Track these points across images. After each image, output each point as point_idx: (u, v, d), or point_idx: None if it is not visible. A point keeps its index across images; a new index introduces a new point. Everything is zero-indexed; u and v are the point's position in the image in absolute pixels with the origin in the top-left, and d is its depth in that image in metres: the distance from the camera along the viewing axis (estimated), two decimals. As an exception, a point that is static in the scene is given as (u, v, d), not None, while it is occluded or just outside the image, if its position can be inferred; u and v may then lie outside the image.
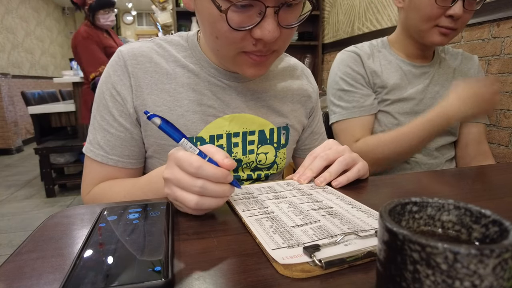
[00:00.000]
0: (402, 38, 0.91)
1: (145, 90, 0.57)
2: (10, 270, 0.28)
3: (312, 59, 2.96)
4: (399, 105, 0.90)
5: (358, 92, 0.90)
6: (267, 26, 0.45)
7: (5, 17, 4.67)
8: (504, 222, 0.21)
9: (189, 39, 0.62)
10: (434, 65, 0.92)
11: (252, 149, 0.63)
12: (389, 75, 0.91)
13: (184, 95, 0.58)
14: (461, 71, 0.94)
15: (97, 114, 0.59)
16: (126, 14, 8.26)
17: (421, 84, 0.90)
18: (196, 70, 0.59)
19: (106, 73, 0.59)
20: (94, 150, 0.58)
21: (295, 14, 0.49)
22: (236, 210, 0.40)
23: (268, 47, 0.49)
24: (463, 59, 0.96)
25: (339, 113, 0.93)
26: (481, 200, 0.46)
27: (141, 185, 0.52)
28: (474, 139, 0.94)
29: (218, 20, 0.46)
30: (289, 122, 0.67)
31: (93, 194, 0.59)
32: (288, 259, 0.28)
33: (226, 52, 0.51)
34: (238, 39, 0.48)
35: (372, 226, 0.35)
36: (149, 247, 0.30)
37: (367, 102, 0.90)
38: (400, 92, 0.90)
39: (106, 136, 0.58)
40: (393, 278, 0.20)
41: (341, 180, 0.49)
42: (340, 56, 0.95)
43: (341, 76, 0.92)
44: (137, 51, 0.58)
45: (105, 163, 0.58)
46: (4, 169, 3.63)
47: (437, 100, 0.91)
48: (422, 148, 0.87)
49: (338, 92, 0.93)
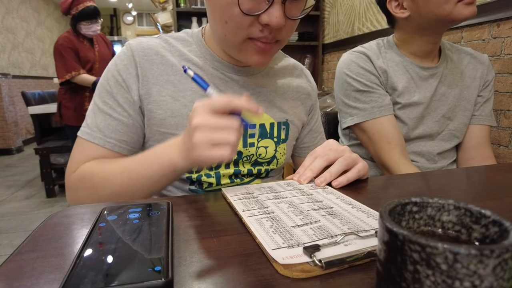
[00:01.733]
0: (410, 38, 0.87)
1: (151, 80, 0.59)
2: (10, 269, 0.28)
3: (312, 59, 2.96)
4: (409, 109, 0.87)
5: (375, 92, 0.86)
6: (274, 12, 0.48)
7: (5, 17, 4.68)
8: (504, 223, 0.21)
9: (194, 35, 0.65)
10: (441, 65, 0.89)
11: (253, 142, 0.64)
12: (397, 78, 0.88)
13: (187, 86, 0.60)
14: (469, 72, 0.91)
15: (99, 99, 0.59)
16: (126, 15, 8.26)
17: (429, 88, 0.88)
18: (200, 63, 0.62)
19: (112, 62, 0.61)
20: (92, 133, 0.58)
21: (299, 7, 0.53)
22: (236, 210, 0.40)
23: (273, 34, 0.52)
24: (471, 59, 0.92)
25: (357, 115, 0.88)
26: (481, 200, 0.46)
27: (144, 159, 0.52)
28: (477, 143, 0.91)
29: (229, 4, 0.49)
30: (289, 118, 0.69)
31: (80, 172, 0.56)
32: (288, 259, 0.28)
33: (233, 38, 0.53)
34: (247, 24, 0.51)
35: (372, 227, 0.35)
36: (149, 247, 0.30)
37: (386, 102, 0.86)
38: (408, 96, 0.87)
39: (107, 120, 0.58)
40: (393, 278, 0.20)
41: (341, 180, 0.49)
42: (348, 57, 0.91)
43: (354, 77, 0.88)
44: (145, 44, 0.61)
45: (101, 145, 0.57)
46: (4, 169, 3.63)
47: (444, 102, 0.89)
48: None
49: (353, 93, 0.88)
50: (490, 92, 0.93)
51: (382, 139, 0.86)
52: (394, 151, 0.84)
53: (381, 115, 0.86)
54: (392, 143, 0.85)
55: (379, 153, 0.87)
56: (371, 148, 0.90)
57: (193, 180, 0.63)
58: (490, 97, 0.93)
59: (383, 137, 0.86)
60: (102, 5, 7.80)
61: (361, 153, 0.97)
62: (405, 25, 0.86)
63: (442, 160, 0.91)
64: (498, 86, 1.25)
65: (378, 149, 0.86)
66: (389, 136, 0.85)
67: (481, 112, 0.92)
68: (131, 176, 0.52)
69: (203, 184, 0.64)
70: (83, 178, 0.56)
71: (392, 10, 0.84)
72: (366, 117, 0.87)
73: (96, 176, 0.54)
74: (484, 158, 0.90)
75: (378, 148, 0.86)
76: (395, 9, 0.84)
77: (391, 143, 0.85)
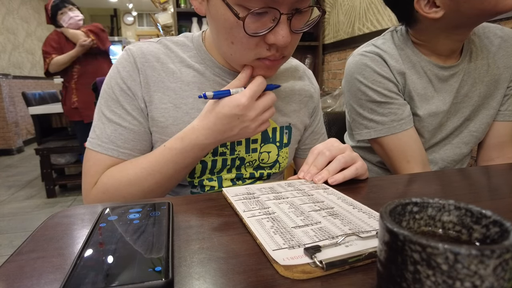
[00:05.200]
0: (434, 38, 0.75)
1: (152, 87, 0.59)
2: (10, 269, 0.28)
3: (312, 60, 2.96)
4: (427, 121, 0.77)
5: (394, 102, 0.76)
6: (280, 31, 0.47)
7: (6, 17, 4.68)
8: (505, 223, 0.21)
9: (194, 40, 0.63)
10: (463, 62, 0.77)
11: (255, 147, 0.64)
12: (414, 83, 0.77)
13: (189, 93, 0.59)
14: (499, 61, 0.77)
15: (106, 109, 0.58)
16: (126, 15, 8.27)
17: (449, 90, 0.77)
18: (201, 70, 0.61)
19: (114, 69, 0.59)
20: (103, 145, 0.56)
21: (304, 19, 0.51)
22: (237, 211, 0.40)
23: (280, 51, 0.51)
24: (502, 42, 0.77)
25: (375, 128, 0.79)
26: (481, 200, 0.46)
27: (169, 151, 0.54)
28: (499, 142, 0.81)
29: (234, 26, 0.48)
30: (292, 122, 0.68)
31: (102, 185, 0.55)
32: (289, 260, 0.28)
33: (240, 58, 0.53)
34: (253, 45, 0.50)
35: (373, 227, 0.35)
36: (149, 247, 0.30)
37: (406, 113, 0.76)
38: (427, 105, 0.77)
39: (118, 130, 0.57)
40: (393, 279, 0.20)
41: (337, 177, 0.49)
42: (360, 59, 0.79)
43: (370, 86, 0.77)
44: (145, 50, 0.60)
45: (115, 157, 0.56)
46: (5, 170, 3.63)
47: (467, 104, 0.78)
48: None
49: (369, 104, 0.78)
50: None
51: (400, 157, 0.77)
52: (414, 170, 0.76)
53: (401, 129, 0.76)
54: (412, 162, 0.76)
55: (398, 171, 0.79)
56: (389, 163, 0.82)
57: (195, 184, 0.63)
58: None
59: (402, 155, 0.77)
60: (102, 5, 7.81)
61: (370, 157, 0.91)
62: (432, 25, 0.72)
63: (455, 167, 0.83)
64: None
65: (397, 167, 0.78)
66: (408, 154, 0.76)
67: (507, 107, 0.80)
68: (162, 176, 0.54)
69: (205, 187, 0.63)
70: (106, 190, 0.55)
71: (421, 10, 0.70)
72: (384, 132, 0.77)
73: (122, 184, 0.54)
74: (506, 159, 0.80)
75: (397, 166, 0.78)
76: (425, 8, 0.70)
77: (410, 161, 0.76)
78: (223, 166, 0.63)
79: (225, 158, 0.62)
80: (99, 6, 7.86)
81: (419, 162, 0.76)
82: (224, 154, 0.62)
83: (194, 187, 0.64)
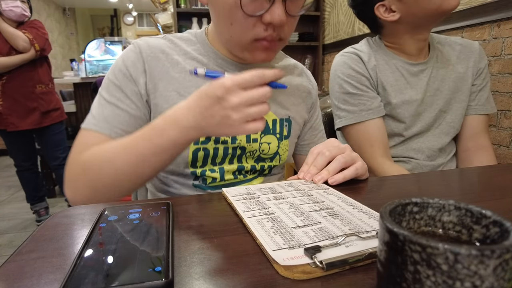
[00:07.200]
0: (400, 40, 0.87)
1: (157, 76, 0.61)
2: (10, 270, 0.28)
3: (312, 60, 2.96)
4: (403, 108, 0.87)
5: (364, 94, 0.87)
6: (276, 10, 0.51)
7: None
8: (505, 223, 0.21)
9: (197, 35, 0.67)
10: (431, 61, 0.89)
11: (256, 138, 0.66)
12: (387, 77, 0.88)
13: (192, 83, 0.62)
14: (461, 63, 0.90)
15: (105, 92, 0.60)
16: (126, 15, 8.27)
17: (420, 83, 0.88)
18: (204, 61, 0.64)
19: (119, 59, 0.62)
20: (98, 123, 0.57)
21: (299, 5, 0.55)
22: (237, 211, 0.40)
23: (277, 31, 0.54)
24: (462, 48, 0.91)
25: (345, 117, 0.89)
26: (481, 200, 0.46)
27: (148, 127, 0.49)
28: (473, 133, 0.91)
29: (233, 7, 0.52)
30: (291, 115, 0.70)
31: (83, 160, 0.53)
32: (289, 260, 0.28)
33: (239, 39, 0.56)
34: (251, 25, 0.53)
35: (373, 227, 0.35)
36: (149, 247, 0.30)
37: (374, 105, 0.87)
38: (400, 94, 0.87)
39: (115, 111, 0.58)
40: (393, 279, 0.20)
41: (337, 177, 0.49)
42: (340, 59, 0.92)
43: (345, 79, 0.89)
44: (151, 43, 0.63)
45: (107, 134, 0.56)
46: (5, 170, 3.63)
47: (439, 97, 0.89)
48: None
49: (343, 95, 0.90)
50: (484, 79, 0.92)
51: (365, 142, 0.87)
52: (376, 153, 0.86)
53: (368, 118, 0.87)
54: (375, 146, 0.86)
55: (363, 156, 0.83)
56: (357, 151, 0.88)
57: (197, 176, 0.64)
58: (485, 85, 0.92)
59: (367, 141, 0.87)
60: (102, 5, 7.81)
61: None
62: (394, 28, 0.86)
63: (442, 155, 0.91)
64: (499, 87, 1.25)
65: (362, 152, 0.86)
66: (372, 139, 0.87)
67: (477, 102, 0.92)
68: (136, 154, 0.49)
69: (207, 179, 0.64)
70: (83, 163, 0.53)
71: (381, 16, 0.84)
72: (353, 120, 0.88)
73: (103, 160, 0.51)
74: (480, 148, 0.90)
75: (362, 151, 0.87)
76: (384, 13, 0.84)
77: (373, 145, 0.86)
78: (225, 155, 0.64)
79: (226, 146, 0.63)
80: (99, 6, 7.86)
81: (380, 147, 0.87)
82: (226, 142, 0.63)
83: (196, 179, 0.64)
